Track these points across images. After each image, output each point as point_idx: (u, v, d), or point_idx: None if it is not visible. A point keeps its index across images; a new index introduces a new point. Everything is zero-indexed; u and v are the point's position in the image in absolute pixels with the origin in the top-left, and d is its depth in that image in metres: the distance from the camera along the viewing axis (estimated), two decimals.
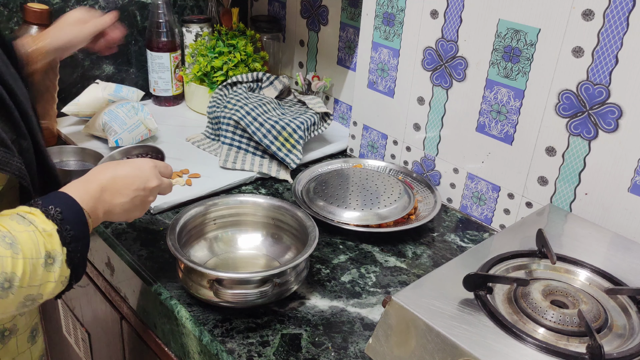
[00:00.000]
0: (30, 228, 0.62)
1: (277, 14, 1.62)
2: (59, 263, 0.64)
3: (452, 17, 1.09)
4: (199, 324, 0.85)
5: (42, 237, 0.63)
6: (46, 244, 0.63)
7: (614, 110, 0.91)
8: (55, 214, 0.65)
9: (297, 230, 0.97)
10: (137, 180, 0.77)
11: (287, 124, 1.25)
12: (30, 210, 0.65)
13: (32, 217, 0.64)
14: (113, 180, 0.75)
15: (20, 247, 0.60)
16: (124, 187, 0.75)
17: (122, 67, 1.53)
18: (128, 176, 0.76)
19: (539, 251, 0.84)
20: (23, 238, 0.61)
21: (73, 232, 0.66)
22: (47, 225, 0.64)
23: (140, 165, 0.79)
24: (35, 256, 0.61)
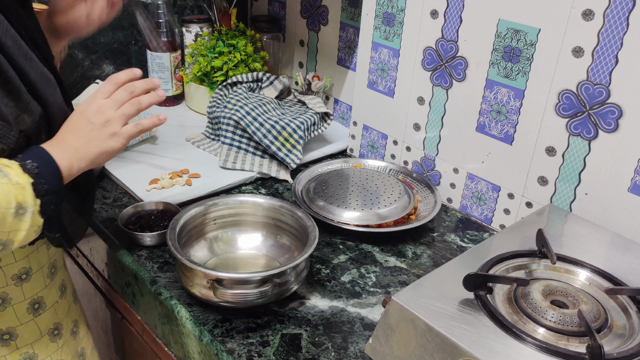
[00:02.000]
0: (4, 180, 0.67)
1: (277, 14, 1.62)
2: (30, 214, 0.69)
3: (452, 17, 1.09)
4: (199, 324, 0.85)
5: (14, 189, 0.67)
6: (17, 195, 0.67)
7: (614, 110, 0.91)
8: (32, 168, 0.70)
9: (297, 230, 0.97)
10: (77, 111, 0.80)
11: (287, 124, 1.25)
12: (8, 163, 0.69)
13: (7, 170, 0.68)
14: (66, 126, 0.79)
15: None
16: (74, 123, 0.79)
17: (122, 67, 1.53)
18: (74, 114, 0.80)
19: (539, 251, 0.84)
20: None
21: (47, 186, 0.71)
22: (21, 178, 0.68)
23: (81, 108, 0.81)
24: (5, 205, 0.66)
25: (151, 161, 1.26)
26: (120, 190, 1.17)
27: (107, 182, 1.19)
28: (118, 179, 1.17)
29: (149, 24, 1.43)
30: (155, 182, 1.16)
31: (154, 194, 1.13)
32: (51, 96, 0.77)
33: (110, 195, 1.15)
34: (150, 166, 1.23)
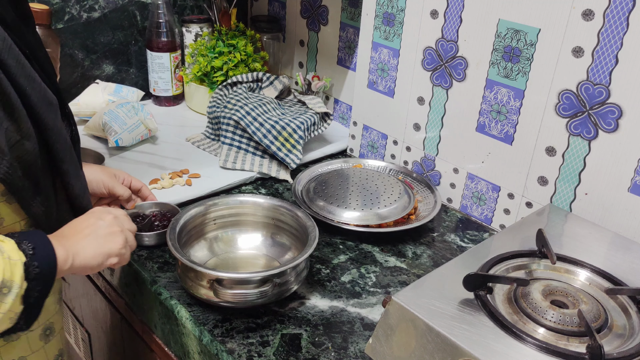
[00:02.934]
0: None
1: (277, 14, 1.62)
2: (12, 295, 0.62)
3: (452, 17, 1.09)
4: (199, 324, 0.85)
5: (4, 264, 0.62)
6: (5, 271, 0.62)
7: (614, 110, 0.91)
8: (27, 249, 0.65)
9: (297, 230, 0.97)
10: (92, 216, 0.78)
11: (287, 124, 1.25)
12: (3, 238, 0.65)
13: (1, 245, 0.63)
14: (74, 225, 0.76)
15: None
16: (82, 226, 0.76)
17: (122, 67, 1.53)
18: (84, 218, 0.78)
19: (539, 251, 0.84)
20: None
21: (39, 270, 0.65)
22: (14, 254, 0.63)
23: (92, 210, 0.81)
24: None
25: (151, 161, 1.26)
26: None
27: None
28: None
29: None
30: (155, 182, 1.17)
31: (154, 193, 1.13)
32: (51, 121, 0.72)
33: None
34: (150, 166, 1.23)
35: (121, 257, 0.78)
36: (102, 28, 1.45)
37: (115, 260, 0.78)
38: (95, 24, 1.44)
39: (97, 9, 1.43)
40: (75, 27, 1.41)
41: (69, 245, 0.72)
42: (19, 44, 0.69)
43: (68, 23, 1.39)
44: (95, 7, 1.42)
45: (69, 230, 0.75)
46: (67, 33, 1.40)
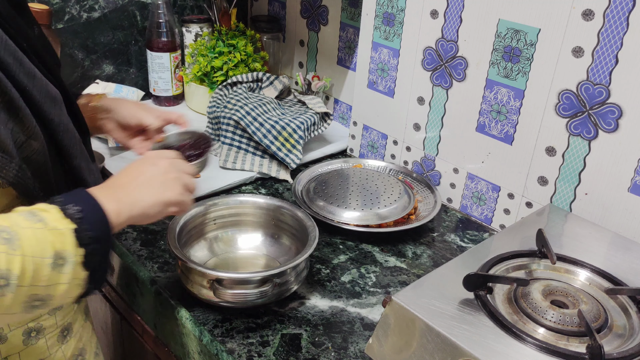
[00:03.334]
0: (38, 225, 0.58)
1: (277, 14, 1.62)
2: (71, 264, 0.59)
3: (452, 17, 1.09)
4: (199, 324, 0.85)
5: (51, 236, 0.58)
6: (55, 243, 0.58)
7: (614, 110, 0.91)
8: (75, 213, 0.61)
9: (297, 230, 0.97)
10: (145, 162, 0.75)
11: (287, 124, 1.25)
12: (45, 207, 0.61)
13: (44, 215, 0.59)
14: (125, 174, 0.73)
15: (20, 244, 0.55)
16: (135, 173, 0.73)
17: (122, 67, 1.53)
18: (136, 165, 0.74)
19: (539, 251, 0.84)
20: (26, 234, 0.57)
21: (92, 233, 0.61)
22: (60, 223, 0.59)
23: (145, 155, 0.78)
24: (39, 254, 0.57)
25: None
26: None
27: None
28: None
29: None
30: None
31: None
32: (56, 116, 0.69)
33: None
34: None
35: (181, 204, 0.74)
36: (102, 28, 1.45)
37: (175, 209, 0.74)
38: (95, 24, 1.44)
39: (97, 9, 1.43)
40: (75, 27, 1.41)
41: (122, 196, 0.68)
42: (16, 37, 0.66)
43: (68, 23, 1.39)
44: (95, 7, 1.42)
45: (121, 179, 0.71)
46: (67, 33, 1.40)
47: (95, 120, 0.95)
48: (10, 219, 0.58)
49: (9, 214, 0.59)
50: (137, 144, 0.99)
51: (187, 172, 0.77)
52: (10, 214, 0.59)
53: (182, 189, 0.75)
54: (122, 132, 0.97)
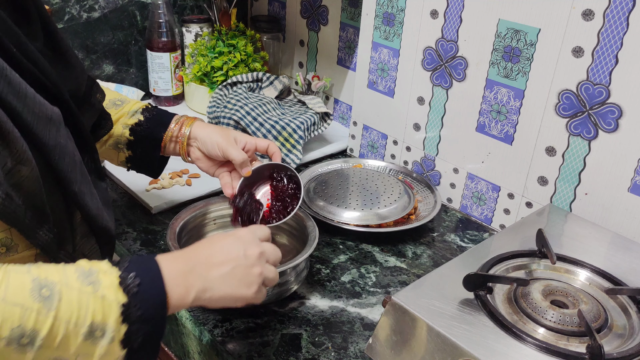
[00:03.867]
0: (87, 289, 0.54)
1: (277, 14, 1.62)
2: (108, 339, 0.55)
3: (452, 17, 1.09)
4: (199, 324, 0.85)
5: (95, 304, 0.54)
6: (96, 313, 0.54)
7: (614, 110, 0.91)
8: (131, 286, 0.56)
9: (297, 230, 0.97)
10: (237, 245, 0.67)
11: (287, 124, 1.25)
12: (107, 269, 0.57)
13: (101, 278, 0.55)
14: (210, 251, 0.66)
15: (58, 305, 0.52)
16: (221, 256, 0.66)
17: (122, 67, 1.53)
18: (226, 245, 0.67)
19: (539, 251, 0.84)
20: (69, 297, 0.53)
21: (141, 312, 0.56)
22: (110, 293, 0.55)
23: (239, 234, 0.70)
24: (75, 322, 0.53)
25: None
26: (121, 190, 1.17)
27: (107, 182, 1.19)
28: (118, 179, 1.17)
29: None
30: (156, 182, 1.16)
31: (153, 193, 1.13)
32: (51, 139, 0.63)
33: (110, 195, 1.15)
34: None
35: (250, 301, 0.68)
36: (102, 28, 1.45)
37: (241, 304, 0.67)
38: (95, 24, 1.44)
39: (97, 9, 1.43)
40: (75, 27, 1.41)
41: (195, 280, 0.62)
42: (7, 49, 0.60)
43: (68, 23, 1.39)
44: (95, 7, 1.42)
45: (202, 256, 0.65)
46: (67, 33, 1.40)
47: (185, 146, 0.93)
48: (63, 274, 0.55)
49: (68, 265, 0.56)
50: (224, 177, 0.94)
51: (272, 264, 0.70)
52: (67, 266, 0.56)
53: (259, 288, 0.67)
54: (207, 161, 0.94)
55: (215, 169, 0.95)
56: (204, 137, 0.91)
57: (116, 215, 1.08)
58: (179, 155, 0.95)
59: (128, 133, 0.92)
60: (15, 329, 0.50)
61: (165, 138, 0.93)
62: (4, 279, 0.52)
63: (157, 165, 0.96)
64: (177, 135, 0.93)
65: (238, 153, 0.89)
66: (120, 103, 0.94)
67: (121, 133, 0.92)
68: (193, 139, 0.93)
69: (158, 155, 0.94)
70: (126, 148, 0.93)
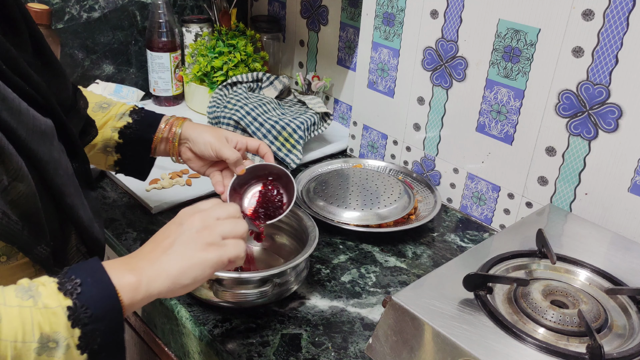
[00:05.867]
0: (27, 303, 0.52)
1: (277, 14, 1.62)
2: (63, 348, 0.52)
3: (452, 17, 1.09)
4: (199, 324, 0.85)
5: (40, 316, 0.51)
6: (42, 324, 0.51)
7: (614, 110, 0.91)
8: (72, 288, 0.54)
9: (297, 230, 0.97)
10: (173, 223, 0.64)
11: (287, 124, 1.25)
12: (45, 281, 0.54)
13: (40, 290, 0.53)
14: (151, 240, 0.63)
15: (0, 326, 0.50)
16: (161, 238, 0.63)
17: (122, 67, 1.53)
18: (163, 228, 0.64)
19: (539, 251, 0.84)
20: (9, 316, 0.51)
21: (91, 311, 0.53)
22: (52, 300, 0.52)
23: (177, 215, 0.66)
24: (22, 339, 0.50)
25: None
26: (120, 190, 1.17)
27: (107, 183, 1.19)
28: (118, 179, 1.17)
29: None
30: (155, 182, 1.17)
31: (154, 193, 1.13)
32: (46, 154, 0.62)
33: (110, 195, 1.15)
34: None
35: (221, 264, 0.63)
36: (102, 28, 1.45)
37: (220, 268, 0.63)
38: (95, 24, 1.44)
39: (97, 9, 1.43)
40: (75, 27, 1.41)
41: (144, 266, 0.59)
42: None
43: (68, 23, 1.39)
44: (95, 7, 1.42)
45: (145, 247, 0.63)
46: (67, 33, 1.40)
47: (176, 146, 0.92)
48: (2, 295, 0.52)
49: (8, 288, 0.54)
50: (215, 176, 0.94)
51: (229, 216, 0.66)
52: (8, 288, 0.54)
53: (219, 244, 0.63)
54: (199, 161, 0.94)
55: (206, 169, 0.95)
56: (196, 138, 0.91)
57: (116, 215, 1.08)
58: (169, 156, 0.95)
59: (117, 136, 0.91)
60: None
61: (156, 139, 0.92)
62: None
63: (146, 167, 0.96)
64: (167, 137, 0.93)
65: (231, 152, 0.89)
66: (107, 106, 0.93)
67: (110, 136, 0.91)
68: (184, 140, 0.93)
69: (148, 157, 0.94)
70: (115, 151, 0.92)
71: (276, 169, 0.93)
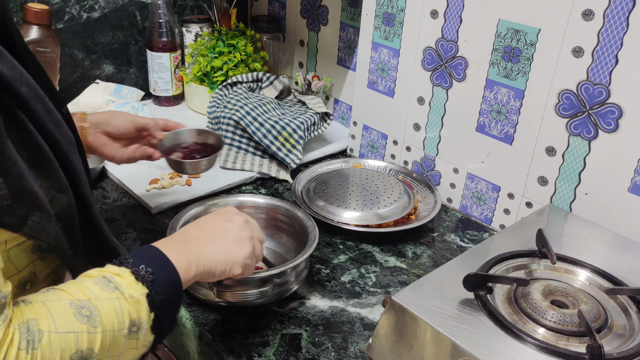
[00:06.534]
0: (115, 295, 0.56)
1: (277, 14, 1.62)
2: (143, 331, 0.58)
3: (452, 17, 1.09)
4: (199, 324, 0.85)
5: (128, 305, 0.57)
6: (131, 312, 0.57)
7: (614, 110, 0.91)
8: (146, 276, 0.59)
9: (297, 230, 0.97)
10: (221, 217, 0.72)
11: (287, 124, 1.25)
12: (118, 271, 0.59)
13: (119, 281, 0.57)
14: (198, 227, 0.70)
15: (100, 320, 0.55)
16: (209, 227, 0.70)
17: (122, 67, 1.53)
18: (211, 219, 0.72)
19: (539, 251, 0.84)
20: (105, 308, 0.56)
21: (164, 296, 0.59)
22: (134, 290, 0.58)
23: (220, 210, 0.75)
24: (118, 327, 0.56)
25: None
26: (120, 190, 1.17)
27: (107, 182, 1.19)
28: (118, 179, 1.17)
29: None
30: (155, 182, 1.17)
31: (153, 193, 1.13)
32: (78, 164, 0.64)
33: (110, 195, 1.15)
34: (150, 166, 1.23)
35: (245, 268, 0.71)
36: (102, 28, 1.45)
37: (239, 271, 0.70)
38: (95, 24, 1.44)
39: (97, 9, 1.43)
40: (75, 27, 1.41)
41: (191, 251, 0.65)
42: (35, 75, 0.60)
43: (68, 23, 1.39)
44: (95, 7, 1.42)
45: (191, 233, 0.69)
46: (67, 33, 1.40)
47: (86, 136, 0.91)
48: (88, 291, 0.56)
49: (83, 281, 0.58)
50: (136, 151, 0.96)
51: (258, 238, 0.75)
52: (84, 281, 0.58)
53: (251, 251, 0.71)
54: (113, 144, 0.94)
55: (122, 152, 0.95)
56: (108, 118, 0.91)
57: (116, 215, 1.08)
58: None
59: None
60: (74, 354, 0.53)
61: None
62: (45, 312, 0.53)
63: None
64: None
65: (149, 119, 0.94)
66: None
67: None
68: (95, 125, 0.91)
69: None
70: None
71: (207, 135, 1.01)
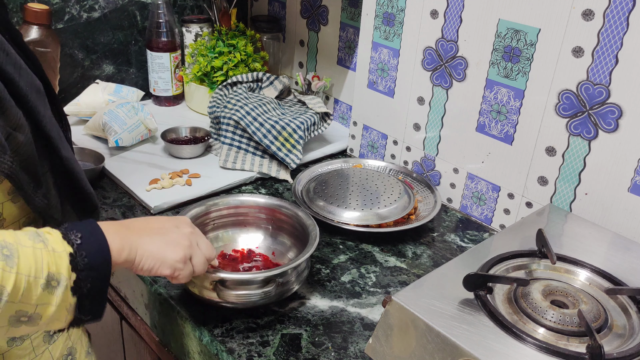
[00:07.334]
0: (39, 245, 0.59)
1: (277, 14, 1.62)
2: (62, 288, 0.60)
3: (452, 17, 1.09)
4: (199, 324, 0.85)
5: (49, 257, 0.59)
6: (50, 264, 0.59)
7: (614, 110, 0.91)
8: (75, 239, 0.62)
9: (297, 230, 0.97)
10: (171, 222, 0.75)
11: (287, 124, 1.25)
12: (50, 230, 0.62)
13: (47, 236, 0.61)
14: (146, 222, 0.73)
15: (17, 262, 0.57)
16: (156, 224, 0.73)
17: (122, 67, 1.53)
18: (162, 220, 0.75)
19: (539, 251, 0.84)
20: (25, 253, 0.58)
21: (88, 260, 0.61)
22: (58, 246, 0.60)
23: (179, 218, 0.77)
24: (34, 275, 0.58)
25: (151, 161, 1.26)
26: (120, 190, 1.17)
27: (107, 182, 1.19)
28: (118, 179, 1.17)
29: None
30: (155, 182, 1.17)
31: (154, 194, 1.13)
32: (42, 109, 0.68)
33: (110, 195, 1.15)
34: (150, 166, 1.23)
35: (175, 271, 0.72)
36: (102, 28, 1.45)
37: (168, 272, 0.72)
38: (95, 24, 1.44)
39: (97, 9, 1.43)
40: (75, 27, 1.41)
41: (131, 238, 0.68)
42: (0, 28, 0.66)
43: (68, 23, 1.39)
44: (95, 7, 1.42)
45: (137, 224, 0.72)
46: (67, 33, 1.40)
47: None
48: (16, 237, 0.59)
49: (19, 232, 0.61)
50: None
51: (203, 252, 0.76)
52: (19, 232, 0.61)
53: (184, 258, 0.73)
54: None
55: None
56: None
57: (116, 216, 1.08)
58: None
59: None
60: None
61: None
62: None
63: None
64: None
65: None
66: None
67: None
68: None
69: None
70: None
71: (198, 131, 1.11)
